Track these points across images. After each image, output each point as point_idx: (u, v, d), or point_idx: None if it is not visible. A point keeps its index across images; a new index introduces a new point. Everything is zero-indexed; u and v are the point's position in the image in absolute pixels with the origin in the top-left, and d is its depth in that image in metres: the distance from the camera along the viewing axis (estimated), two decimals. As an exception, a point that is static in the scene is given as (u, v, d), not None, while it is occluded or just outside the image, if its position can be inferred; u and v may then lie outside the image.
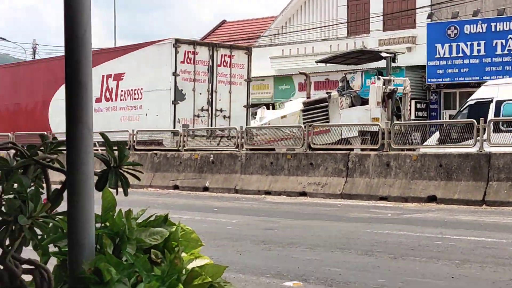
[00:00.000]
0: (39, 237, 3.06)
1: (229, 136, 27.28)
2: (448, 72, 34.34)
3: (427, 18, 36.13)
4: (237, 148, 23.71)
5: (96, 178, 3.09)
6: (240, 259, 9.17)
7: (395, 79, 27.73)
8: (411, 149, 20.76)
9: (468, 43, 33.91)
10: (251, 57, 30.36)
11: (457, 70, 34.18)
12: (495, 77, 30.78)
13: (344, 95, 27.22)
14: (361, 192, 19.44)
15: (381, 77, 26.83)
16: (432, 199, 18.08)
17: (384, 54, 28.74)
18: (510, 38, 33.26)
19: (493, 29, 33.53)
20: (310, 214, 15.77)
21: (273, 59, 42.00)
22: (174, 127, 27.60)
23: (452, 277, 7.98)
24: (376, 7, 38.84)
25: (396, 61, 29.30)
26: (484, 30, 33.64)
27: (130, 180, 3.20)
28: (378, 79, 26.66)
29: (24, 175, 3.04)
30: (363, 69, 33.09)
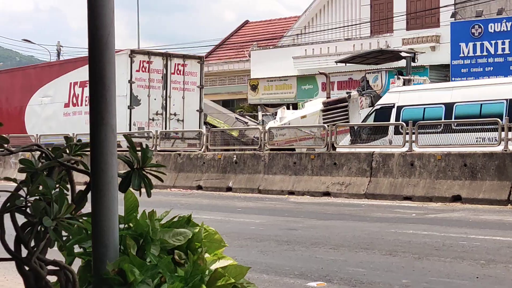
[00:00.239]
0: (64, 238, 3.09)
1: (183, 138, 30.26)
2: (472, 71, 34.11)
3: (451, 17, 35.95)
4: (260, 148, 23.72)
5: (120, 180, 3.11)
6: (264, 260, 9.18)
7: (415, 79, 27.66)
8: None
9: (493, 42, 33.69)
10: (203, 66, 33.81)
11: (482, 69, 33.96)
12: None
13: (364, 95, 27.17)
14: (385, 192, 19.37)
15: (401, 77, 26.76)
16: (457, 199, 17.98)
17: (404, 54, 28.66)
18: (535, 37, 33.04)
19: (518, 28, 33.31)
20: (334, 214, 15.74)
21: (296, 59, 41.96)
22: (130, 130, 30.34)
23: (477, 277, 7.94)
24: (400, 6, 38.69)
25: (416, 61, 29.20)
26: (509, 29, 33.41)
27: (154, 181, 3.22)
28: (398, 79, 26.60)
29: (49, 177, 3.07)
30: (387, 69, 32.99)
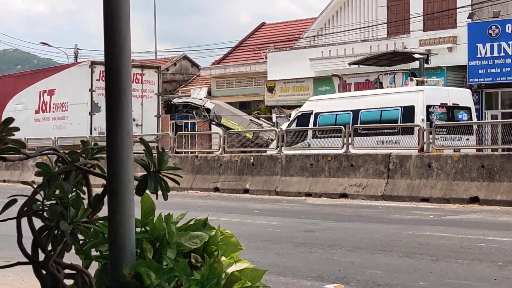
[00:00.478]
0: (81, 242, 3.10)
1: (136, 141, 34.01)
2: (490, 72, 33.93)
3: (468, 18, 35.78)
4: (277, 150, 23.73)
5: (136, 183, 3.12)
6: (281, 262, 9.17)
7: (429, 80, 27.62)
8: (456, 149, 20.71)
9: (510, 43, 33.47)
10: (161, 75, 37.48)
11: (499, 70, 33.76)
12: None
13: None
14: (403, 194, 19.32)
15: (414, 78, 26.75)
16: (474, 200, 17.91)
17: (417, 55, 28.63)
18: (553, 37, 32.83)
19: (535, 28, 33.11)
20: (351, 216, 15.71)
21: (313, 61, 41.87)
22: (91, 134, 32.98)
23: (495, 279, 7.90)
24: (416, 7, 38.55)
25: (429, 62, 29.15)
26: (526, 29, 33.23)
27: (171, 183, 3.22)
28: (411, 80, 26.60)
29: (66, 181, 3.08)
30: (403, 70, 32.87)
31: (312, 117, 25.98)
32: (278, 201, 20.13)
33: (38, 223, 3.05)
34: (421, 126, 21.09)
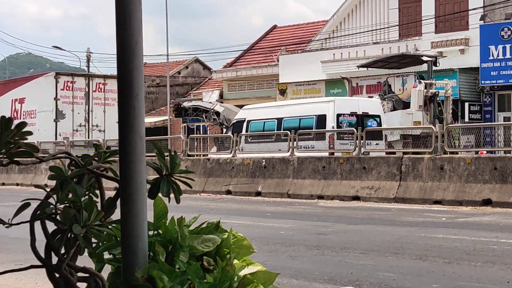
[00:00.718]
0: (94, 245, 3.11)
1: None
2: (502, 74, 33.83)
3: (480, 20, 35.68)
4: (290, 153, 23.73)
5: (148, 186, 3.13)
6: (293, 264, 9.17)
7: (437, 83, 27.61)
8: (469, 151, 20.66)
9: (522, 44, 33.39)
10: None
11: (511, 72, 33.68)
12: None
13: (386, 99, 27.23)
14: (415, 196, 19.29)
15: (422, 81, 26.76)
16: (487, 203, 17.85)
17: (425, 58, 28.64)
18: None
19: (548, 30, 33.00)
20: (364, 219, 15.70)
21: (324, 63, 41.87)
22: (56, 139, 36.15)
23: (508, 282, 7.88)
24: (428, 9, 38.48)
25: (438, 65, 29.15)
26: (538, 31, 33.12)
27: (183, 186, 3.23)
28: (420, 83, 26.62)
29: (79, 185, 3.09)
30: (415, 73, 32.83)
31: (245, 124, 28.70)
32: (290, 204, 20.12)
33: (51, 227, 3.06)
34: (333, 133, 24.54)
